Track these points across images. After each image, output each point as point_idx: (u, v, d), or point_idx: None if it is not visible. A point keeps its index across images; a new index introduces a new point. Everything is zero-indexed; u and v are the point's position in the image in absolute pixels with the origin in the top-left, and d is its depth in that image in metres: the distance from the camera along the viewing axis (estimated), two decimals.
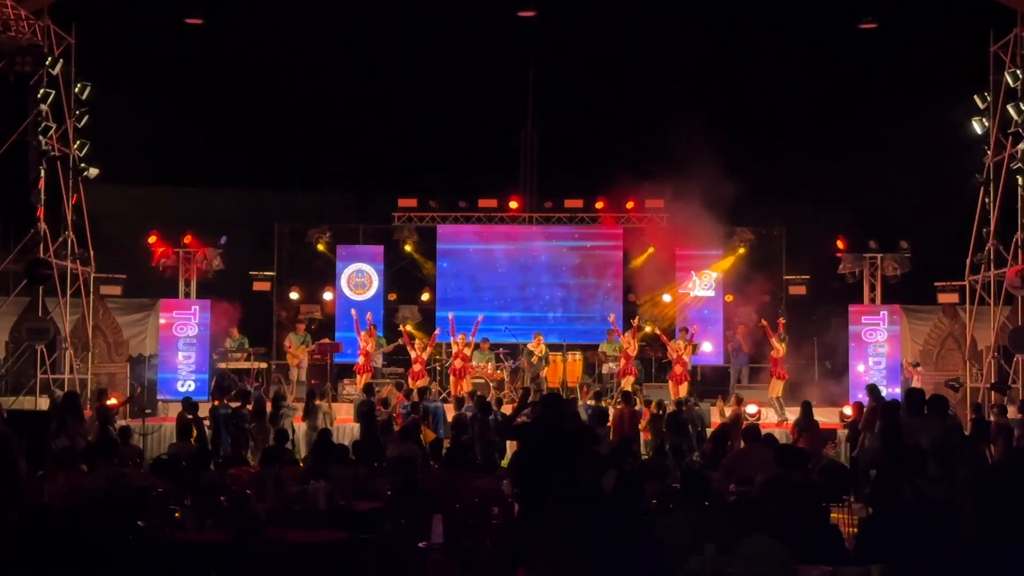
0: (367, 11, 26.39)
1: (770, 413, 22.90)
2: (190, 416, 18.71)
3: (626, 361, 23.87)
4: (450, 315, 25.20)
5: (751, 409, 20.73)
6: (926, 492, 9.27)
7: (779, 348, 23.50)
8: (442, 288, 28.28)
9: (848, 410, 20.50)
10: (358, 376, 24.07)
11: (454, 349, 24.13)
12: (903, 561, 8.08)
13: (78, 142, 23.38)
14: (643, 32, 26.48)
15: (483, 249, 28.58)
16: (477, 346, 24.56)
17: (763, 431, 15.56)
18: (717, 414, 22.33)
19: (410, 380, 23.60)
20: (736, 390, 24.19)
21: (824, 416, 20.90)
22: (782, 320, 24.39)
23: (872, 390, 18.92)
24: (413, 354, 24.04)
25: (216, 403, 20.29)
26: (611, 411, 20.37)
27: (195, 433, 18.59)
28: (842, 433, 20.49)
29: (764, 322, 24.47)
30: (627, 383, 23.45)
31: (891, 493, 9.23)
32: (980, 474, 10.45)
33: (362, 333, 24.32)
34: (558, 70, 27.20)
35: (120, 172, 25.19)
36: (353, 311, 25.39)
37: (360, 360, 24.18)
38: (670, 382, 23.72)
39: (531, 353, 24.80)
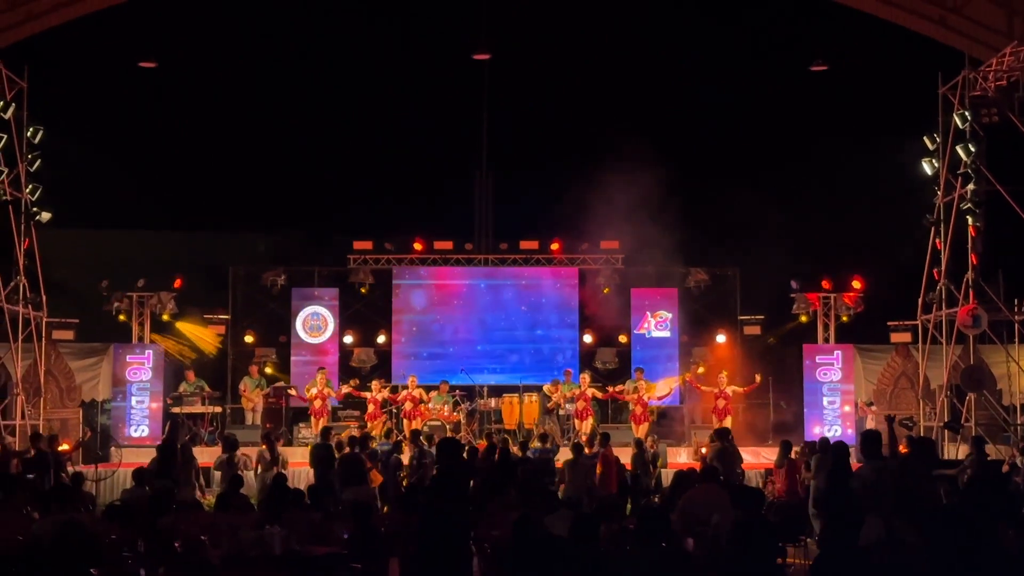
0: (322, 53, 26.50)
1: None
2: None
3: (584, 403, 23.89)
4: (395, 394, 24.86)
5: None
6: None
7: (725, 387, 23.71)
8: (397, 330, 28.21)
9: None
10: (314, 419, 23.94)
11: (402, 393, 24.19)
12: None
13: (30, 186, 23.20)
14: (597, 75, 26.66)
15: (438, 291, 28.53)
16: (436, 388, 24.52)
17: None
18: (675, 455, 22.41)
19: (367, 422, 23.54)
20: (692, 429, 24.30)
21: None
22: (758, 377, 24.40)
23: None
24: (368, 395, 23.97)
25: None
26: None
27: None
28: None
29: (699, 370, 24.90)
30: (588, 425, 23.48)
31: (841, 535, 9.22)
32: (933, 513, 10.46)
33: (312, 390, 24.26)
34: (512, 112, 27.29)
35: (73, 216, 25.09)
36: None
37: (316, 404, 24.05)
38: (632, 423, 23.75)
39: (548, 398, 24.62)
